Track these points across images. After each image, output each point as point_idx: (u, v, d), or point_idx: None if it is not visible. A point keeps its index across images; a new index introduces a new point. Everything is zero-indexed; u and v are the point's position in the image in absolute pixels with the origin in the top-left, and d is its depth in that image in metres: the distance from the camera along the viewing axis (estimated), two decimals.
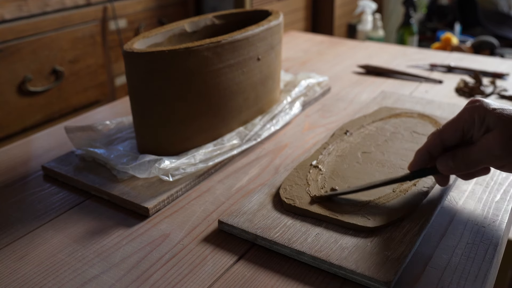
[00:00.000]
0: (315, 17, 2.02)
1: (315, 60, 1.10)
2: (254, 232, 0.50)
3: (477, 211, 0.54)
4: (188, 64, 0.61)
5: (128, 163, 0.61)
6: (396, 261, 0.45)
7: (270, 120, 0.74)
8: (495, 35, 1.94)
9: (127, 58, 0.62)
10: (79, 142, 0.67)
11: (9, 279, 0.47)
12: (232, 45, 0.65)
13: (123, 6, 1.42)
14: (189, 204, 0.59)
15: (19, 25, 1.17)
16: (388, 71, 0.99)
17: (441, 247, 0.49)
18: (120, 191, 0.59)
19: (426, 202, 0.54)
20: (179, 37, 0.73)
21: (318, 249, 0.48)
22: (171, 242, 0.52)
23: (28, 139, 0.76)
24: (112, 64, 1.44)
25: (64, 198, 0.61)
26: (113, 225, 0.55)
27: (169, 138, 0.64)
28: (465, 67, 0.99)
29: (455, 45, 1.68)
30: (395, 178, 0.54)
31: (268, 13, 0.77)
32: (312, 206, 0.53)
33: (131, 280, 0.47)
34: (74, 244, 0.52)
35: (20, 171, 0.67)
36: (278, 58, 0.76)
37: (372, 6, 1.84)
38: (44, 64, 1.24)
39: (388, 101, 0.82)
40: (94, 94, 1.39)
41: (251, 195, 0.57)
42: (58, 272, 0.48)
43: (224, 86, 0.66)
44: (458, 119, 0.51)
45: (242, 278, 0.47)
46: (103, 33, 1.38)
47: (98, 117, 0.83)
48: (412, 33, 1.84)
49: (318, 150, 0.65)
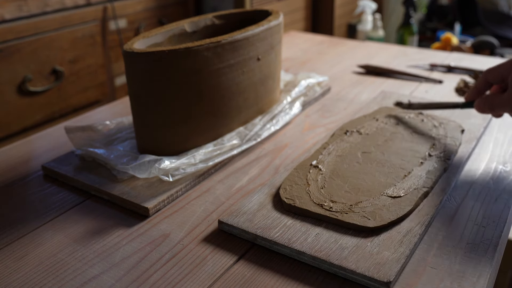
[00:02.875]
0: (315, 17, 2.02)
1: (315, 60, 1.10)
2: (254, 232, 0.50)
3: (477, 211, 0.54)
4: (188, 64, 0.61)
5: (128, 163, 0.61)
6: (396, 261, 0.46)
7: (270, 120, 0.74)
8: (495, 35, 1.94)
9: (127, 58, 0.62)
10: (79, 142, 0.67)
11: (9, 279, 0.47)
12: (232, 45, 0.65)
13: (123, 6, 1.42)
14: (189, 204, 0.59)
15: (19, 25, 1.17)
16: (388, 71, 0.99)
17: (441, 247, 0.49)
18: (120, 191, 0.59)
19: (426, 202, 0.55)
20: (179, 37, 0.73)
21: (318, 249, 0.48)
22: (171, 242, 0.52)
23: (28, 139, 0.76)
24: (112, 64, 1.44)
25: (64, 198, 0.61)
26: (113, 225, 0.55)
27: (169, 138, 0.64)
28: (465, 67, 0.99)
29: (455, 45, 1.68)
30: (450, 104, 0.70)
31: (268, 13, 0.77)
32: (312, 206, 0.53)
33: (131, 280, 0.47)
34: (74, 244, 0.52)
35: (20, 171, 0.67)
36: (278, 58, 0.76)
37: (372, 6, 1.84)
38: (44, 64, 1.24)
39: (388, 101, 0.82)
40: (94, 94, 1.39)
41: (251, 195, 0.57)
42: (58, 272, 0.48)
43: (224, 86, 0.66)
44: (501, 66, 0.61)
45: (242, 278, 0.47)
46: (103, 33, 1.38)
47: (98, 117, 0.83)
48: (412, 33, 1.84)
49: (318, 150, 0.65)
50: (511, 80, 0.59)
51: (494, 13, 2.07)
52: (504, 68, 0.60)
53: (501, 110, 0.61)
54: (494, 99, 0.61)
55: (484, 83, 0.64)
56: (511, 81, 0.59)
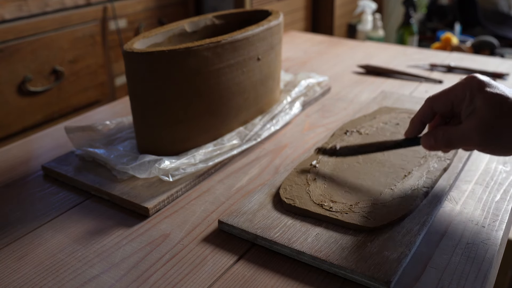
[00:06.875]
0: (315, 17, 2.02)
1: (315, 60, 1.10)
2: (254, 232, 0.50)
3: (477, 211, 0.54)
4: (188, 64, 0.61)
5: (128, 163, 0.61)
6: (396, 261, 0.45)
7: (270, 120, 0.74)
8: (495, 35, 1.94)
9: (127, 58, 0.62)
10: (79, 142, 0.67)
11: (9, 279, 0.47)
12: (232, 45, 0.65)
13: (123, 6, 1.42)
14: (189, 204, 0.59)
15: (19, 25, 1.17)
16: (388, 71, 0.99)
17: (441, 247, 0.49)
18: (120, 191, 0.59)
19: (426, 202, 0.55)
20: (179, 37, 0.73)
21: (318, 249, 0.48)
22: (171, 242, 0.52)
23: (28, 139, 0.76)
24: (112, 64, 1.44)
25: (64, 198, 0.61)
26: (113, 225, 0.55)
27: (169, 138, 0.64)
28: (465, 67, 0.99)
29: (455, 45, 1.68)
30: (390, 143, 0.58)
31: (268, 13, 0.77)
32: (312, 206, 0.53)
33: (131, 280, 0.47)
34: (74, 244, 0.52)
35: (20, 171, 0.67)
36: (278, 58, 0.76)
37: (372, 6, 1.84)
38: (44, 64, 1.24)
39: (388, 101, 0.82)
40: (94, 94, 1.39)
41: (251, 195, 0.57)
42: (58, 272, 0.48)
43: (224, 86, 0.66)
44: (449, 92, 0.51)
45: (242, 278, 0.47)
46: (103, 33, 1.38)
47: (98, 117, 0.83)
48: (412, 33, 1.84)
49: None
50: (466, 108, 0.49)
51: (494, 13, 2.07)
52: (454, 95, 0.50)
53: (461, 145, 0.51)
54: (451, 134, 0.50)
55: (429, 112, 0.53)
56: (466, 110, 0.49)
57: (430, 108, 0.53)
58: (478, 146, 0.49)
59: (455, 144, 0.50)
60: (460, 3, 2.12)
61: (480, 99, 0.48)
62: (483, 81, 0.49)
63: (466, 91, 0.49)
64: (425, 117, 0.54)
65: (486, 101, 0.48)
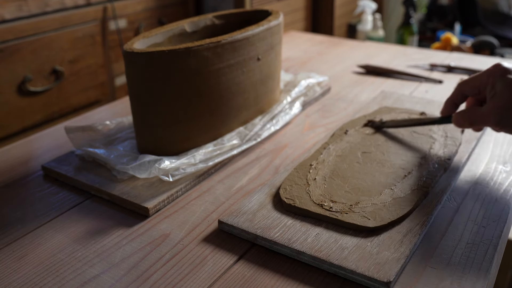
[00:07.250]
0: (315, 17, 2.02)
1: (315, 60, 1.10)
2: (254, 232, 0.50)
3: (477, 211, 0.54)
4: (188, 64, 0.61)
5: (128, 163, 0.61)
6: (396, 261, 0.45)
7: (270, 120, 0.74)
8: (495, 35, 1.94)
9: (127, 58, 0.62)
10: (79, 142, 0.67)
11: (9, 279, 0.47)
12: (232, 45, 0.65)
13: (123, 6, 1.42)
14: (189, 204, 0.59)
15: (19, 25, 1.17)
16: (388, 71, 0.99)
17: (441, 247, 0.49)
18: (120, 191, 0.59)
19: (426, 202, 0.55)
20: (179, 37, 0.73)
21: (318, 249, 0.48)
22: (171, 242, 0.52)
23: (28, 139, 0.76)
24: (112, 64, 1.44)
25: (64, 198, 0.61)
26: (113, 225, 0.55)
27: (169, 138, 0.64)
28: (465, 67, 0.99)
29: (455, 45, 1.68)
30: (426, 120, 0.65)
31: (268, 13, 0.77)
32: (312, 206, 0.53)
33: (131, 280, 0.47)
34: (74, 244, 0.52)
35: (20, 171, 0.67)
36: (278, 58, 0.76)
37: (372, 6, 1.84)
38: (44, 64, 1.24)
39: (388, 101, 0.82)
40: (94, 94, 1.39)
41: (251, 195, 0.57)
42: (58, 272, 0.48)
43: (224, 86, 0.66)
44: (476, 78, 0.58)
45: (242, 278, 0.47)
46: (103, 33, 1.38)
47: (98, 117, 0.83)
48: (412, 33, 1.84)
49: (318, 150, 0.65)
50: (489, 93, 0.56)
51: (494, 13, 2.07)
52: (480, 80, 0.57)
53: (482, 124, 0.58)
54: (474, 113, 0.57)
55: (459, 95, 0.61)
56: (489, 94, 0.56)
57: (460, 91, 0.61)
58: (495, 126, 0.56)
59: (477, 123, 0.57)
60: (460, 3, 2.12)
61: (501, 84, 0.54)
62: (507, 68, 0.55)
63: (490, 77, 0.56)
64: (456, 99, 0.61)
65: (506, 86, 0.54)
